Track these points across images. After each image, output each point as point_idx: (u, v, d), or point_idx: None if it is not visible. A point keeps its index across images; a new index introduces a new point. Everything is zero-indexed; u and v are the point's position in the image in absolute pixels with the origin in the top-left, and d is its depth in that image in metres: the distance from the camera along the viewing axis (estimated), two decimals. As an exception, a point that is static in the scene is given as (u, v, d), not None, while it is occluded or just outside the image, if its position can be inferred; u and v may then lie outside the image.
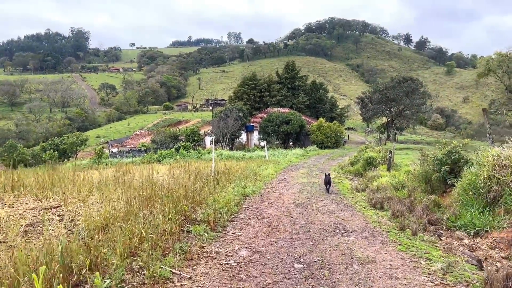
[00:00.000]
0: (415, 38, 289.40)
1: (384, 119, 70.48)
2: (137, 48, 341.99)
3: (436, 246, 6.06)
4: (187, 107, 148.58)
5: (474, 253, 6.29)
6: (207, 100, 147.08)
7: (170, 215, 5.68)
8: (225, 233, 6.17)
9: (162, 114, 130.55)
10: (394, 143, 19.82)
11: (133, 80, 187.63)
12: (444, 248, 6.00)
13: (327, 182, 12.68)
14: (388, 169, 18.11)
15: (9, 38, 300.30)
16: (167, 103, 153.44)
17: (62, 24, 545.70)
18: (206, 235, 5.74)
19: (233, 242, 5.70)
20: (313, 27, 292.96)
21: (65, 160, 48.41)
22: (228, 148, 41.52)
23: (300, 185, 14.12)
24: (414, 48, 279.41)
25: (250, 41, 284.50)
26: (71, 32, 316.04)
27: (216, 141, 42.50)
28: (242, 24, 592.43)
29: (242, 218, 7.62)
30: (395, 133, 56.31)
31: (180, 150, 32.99)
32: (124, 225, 4.98)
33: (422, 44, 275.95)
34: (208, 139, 47.23)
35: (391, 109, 53.08)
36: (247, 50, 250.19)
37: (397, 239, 6.24)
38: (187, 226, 5.96)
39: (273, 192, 11.92)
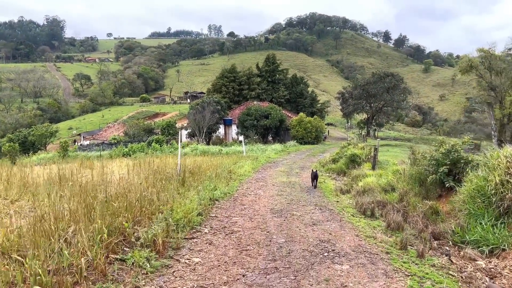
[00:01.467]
0: (394, 36, 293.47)
1: (364, 115, 70.15)
2: (115, 38, 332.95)
3: (451, 274, 4.70)
4: (165, 100, 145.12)
5: (496, 283, 4.97)
6: (186, 93, 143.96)
7: (99, 236, 4.09)
8: (177, 260, 4.64)
9: (139, 106, 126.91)
10: (378, 139, 18.71)
11: (109, 70, 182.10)
12: (462, 278, 4.64)
13: (314, 177, 12.87)
14: (373, 168, 16.93)
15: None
16: (144, 95, 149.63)
17: (36, 11, 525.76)
18: (148, 266, 4.18)
19: (185, 276, 4.17)
20: (294, 22, 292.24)
21: (32, 152, 45.60)
22: (205, 142, 39.76)
23: (279, 185, 12.69)
24: (393, 46, 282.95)
25: (231, 34, 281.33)
26: (46, 20, 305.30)
27: (193, 135, 40.66)
28: (223, 16, 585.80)
29: (206, 233, 6.11)
30: (375, 129, 55.81)
31: (153, 144, 31.08)
32: (22, 258, 3.35)
33: (400, 41, 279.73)
34: (184, 133, 45.31)
35: (372, 104, 52.41)
36: (227, 43, 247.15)
37: (402, 265, 4.85)
38: (124, 251, 4.39)
39: (248, 195, 10.42)
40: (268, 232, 6.35)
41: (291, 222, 7.18)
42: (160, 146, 30.14)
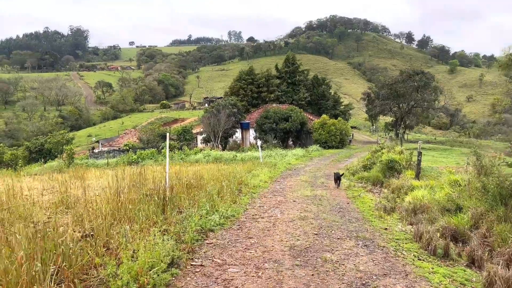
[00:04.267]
0: (417, 37, 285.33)
1: (388, 118, 66.15)
2: (137, 46, 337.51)
3: None
4: (184, 106, 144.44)
5: None
6: (206, 98, 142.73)
7: None
8: None
9: (159, 113, 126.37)
10: (420, 142, 15.56)
11: (131, 78, 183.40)
12: None
13: (337, 178, 13.32)
14: (417, 176, 13.82)
15: (7, 37, 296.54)
16: (164, 101, 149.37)
17: (61, 22, 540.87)
18: None
19: None
20: (314, 25, 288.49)
21: (43, 161, 44.40)
22: (220, 147, 37.21)
23: (302, 201, 9.84)
24: (416, 47, 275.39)
25: (250, 39, 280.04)
26: (70, 30, 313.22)
27: (208, 140, 38.20)
28: (243, 23, 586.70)
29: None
30: (404, 132, 51.99)
31: (163, 150, 28.71)
32: None
33: (424, 42, 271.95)
34: (199, 138, 42.94)
35: (400, 105, 48.67)
36: (247, 48, 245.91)
37: None
38: None
39: (260, 218, 7.62)
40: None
41: (324, 278, 4.37)
42: (171, 152, 27.76)
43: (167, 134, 8.69)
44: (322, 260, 5.03)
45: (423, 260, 5.32)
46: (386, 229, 7.11)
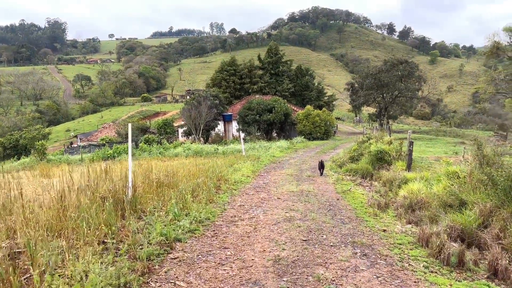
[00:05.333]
0: (398, 28, 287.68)
1: (371, 109, 65.84)
2: (117, 39, 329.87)
3: None
4: (166, 99, 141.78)
5: None
6: (188, 91, 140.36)
7: None
8: None
9: (140, 106, 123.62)
10: (409, 131, 14.78)
11: (110, 71, 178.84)
12: None
13: (321, 166, 13.81)
14: (408, 168, 13.01)
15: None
16: (145, 94, 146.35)
17: (38, 14, 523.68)
18: None
19: None
20: (297, 17, 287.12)
21: (16, 157, 42.34)
22: (202, 140, 35.93)
23: (287, 197, 8.84)
24: (397, 38, 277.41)
25: (233, 30, 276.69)
26: (48, 23, 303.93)
27: (189, 133, 36.86)
28: (225, 14, 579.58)
29: None
30: (387, 122, 51.60)
31: (141, 144, 27.30)
32: None
33: (405, 33, 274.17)
34: (181, 131, 41.51)
35: (384, 95, 48.15)
36: (229, 40, 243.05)
37: None
38: None
39: (240, 220, 6.57)
40: None
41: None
42: (149, 146, 26.40)
43: (129, 125, 7.52)
44: (315, 279, 4.02)
45: (436, 272, 4.38)
46: (384, 230, 6.16)
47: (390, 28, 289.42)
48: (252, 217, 6.86)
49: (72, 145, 63.93)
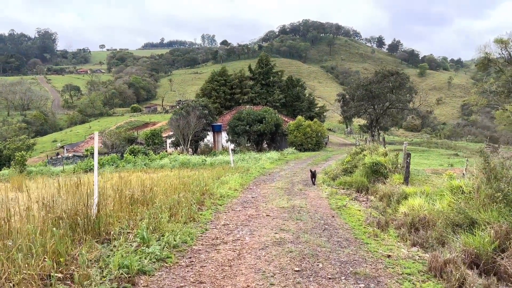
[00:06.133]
0: (387, 41, 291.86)
1: (362, 120, 65.53)
2: (107, 50, 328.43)
3: None
4: (156, 109, 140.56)
5: None
6: (179, 102, 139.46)
7: None
8: None
9: (129, 116, 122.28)
10: (405, 142, 14.09)
11: (100, 81, 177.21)
12: None
13: (313, 176, 13.88)
14: (406, 181, 12.24)
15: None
16: (135, 105, 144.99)
17: (28, 24, 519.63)
18: None
19: None
20: (288, 29, 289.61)
21: (4, 167, 41.14)
22: (191, 151, 34.96)
23: (278, 215, 7.98)
24: (386, 51, 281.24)
25: (224, 42, 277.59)
26: (38, 33, 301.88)
27: (177, 144, 35.89)
28: (216, 26, 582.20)
29: None
30: (379, 133, 51.28)
31: (125, 155, 26.25)
32: None
33: (394, 46, 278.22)
34: (169, 142, 40.50)
35: (375, 106, 47.86)
36: (220, 51, 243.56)
37: None
38: None
39: (223, 244, 5.69)
40: None
41: None
42: (134, 157, 25.36)
43: (96, 134, 6.63)
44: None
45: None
46: (389, 256, 5.32)
47: (380, 41, 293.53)
48: (237, 239, 5.99)
49: (58, 156, 62.42)
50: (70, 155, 55.72)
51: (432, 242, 6.46)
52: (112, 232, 5.08)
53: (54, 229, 4.15)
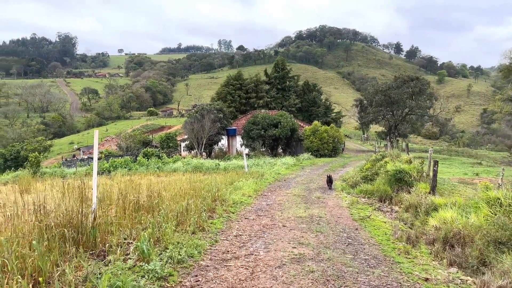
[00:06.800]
0: (405, 47, 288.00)
1: (379, 127, 64.14)
2: (126, 54, 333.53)
3: None
4: (172, 113, 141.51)
5: None
6: (194, 106, 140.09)
7: None
8: None
9: (146, 120, 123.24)
10: (431, 149, 13.20)
11: (118, 85, 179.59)
12: None
13: (329, 181, 13.91)
14: (433, 191, 11.36)
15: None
16: (151, 108, 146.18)
17: (49, 28, 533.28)
18: None
19: None
20: (304, 35, 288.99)
21: (21, 168, 41.55)
22: (205, 155, 34.47)
23: (295, 226, 7.27)
24: (404, 57, 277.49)
25: (240, 47, 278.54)
26: (58, 37, 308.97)
27: (191, 148, 35.47)
28: (233, 31, 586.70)
29: None
30: (397, 140, 49.93)
31: (139, 158, 25.90)
32: None
33: (412, 53, 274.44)
34: (183, 145, 40.15)
35: (394, 112, 46.60)
36: (237, 56, 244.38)
37: None
38: None
39: (233, 260, 5.02)
40: None
41: None
42: (148, 159, 24.98)
43: (96, 132, 6.08)
44: None
45: None
46: (426, 279, 4.56)
47: (397, 48, 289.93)
48: (250, 254, 5.31)
49: (73, 158, 62.94)
50: (85, 157, 55.95)
51: (473, 262, 5.67)
52: (108, 244, 4.47)
53: (34, 242, 3.56)
